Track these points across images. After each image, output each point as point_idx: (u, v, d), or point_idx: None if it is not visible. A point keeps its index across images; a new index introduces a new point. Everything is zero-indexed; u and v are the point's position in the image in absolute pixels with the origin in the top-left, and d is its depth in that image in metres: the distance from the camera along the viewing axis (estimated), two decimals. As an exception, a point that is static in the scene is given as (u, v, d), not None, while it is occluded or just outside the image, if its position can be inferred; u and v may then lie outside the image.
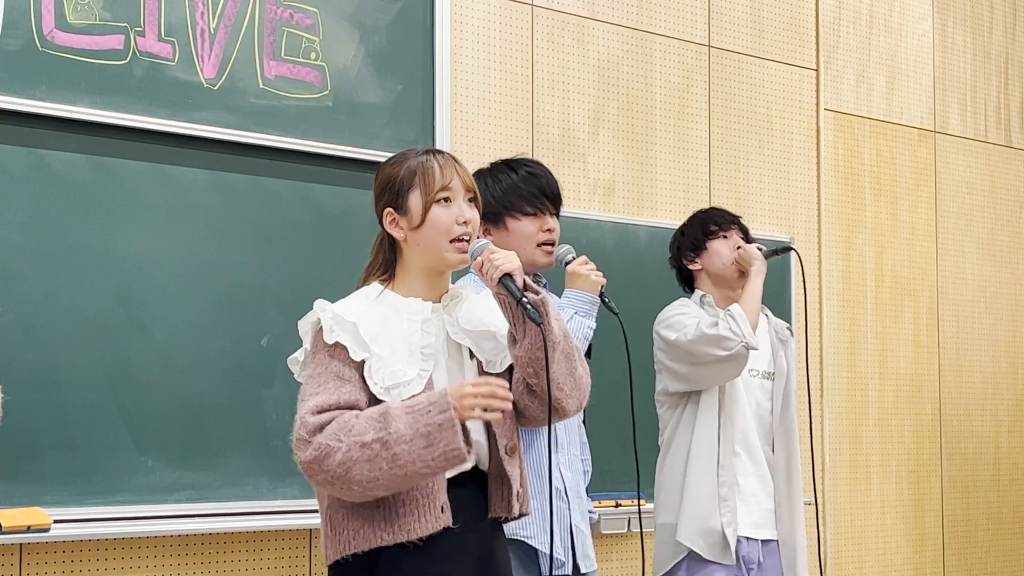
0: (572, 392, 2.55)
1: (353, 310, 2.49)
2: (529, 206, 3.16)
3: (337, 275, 3.88)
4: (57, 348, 3.44)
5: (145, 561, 3.65)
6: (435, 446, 2.32)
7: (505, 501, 2.54)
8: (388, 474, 2.33)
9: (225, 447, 3.72)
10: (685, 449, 3.69)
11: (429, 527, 2.42)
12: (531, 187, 3.18)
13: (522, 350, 2.49)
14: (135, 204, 3.62)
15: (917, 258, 5.92)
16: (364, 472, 2.33)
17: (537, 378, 2.50)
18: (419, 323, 2.50)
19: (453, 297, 2.59)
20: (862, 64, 5.77)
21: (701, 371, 3.63)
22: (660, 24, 5.03)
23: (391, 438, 2.32)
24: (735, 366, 3.60)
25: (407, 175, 2.55)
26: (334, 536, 2.47)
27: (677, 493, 3.67)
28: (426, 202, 2.52)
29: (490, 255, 2.50)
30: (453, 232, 2.51)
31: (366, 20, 4.11)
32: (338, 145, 3.99)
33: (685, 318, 3.69)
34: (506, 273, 2.47)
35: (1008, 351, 6.28)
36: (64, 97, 3.50)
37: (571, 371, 2.54)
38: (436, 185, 2.52)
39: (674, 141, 5.05)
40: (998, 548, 6.18)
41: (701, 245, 3.83)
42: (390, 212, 2.57)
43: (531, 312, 2.44)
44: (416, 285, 2.56)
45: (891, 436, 5.76)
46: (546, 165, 3.38)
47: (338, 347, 2.45)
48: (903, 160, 5.91)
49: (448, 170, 2.54)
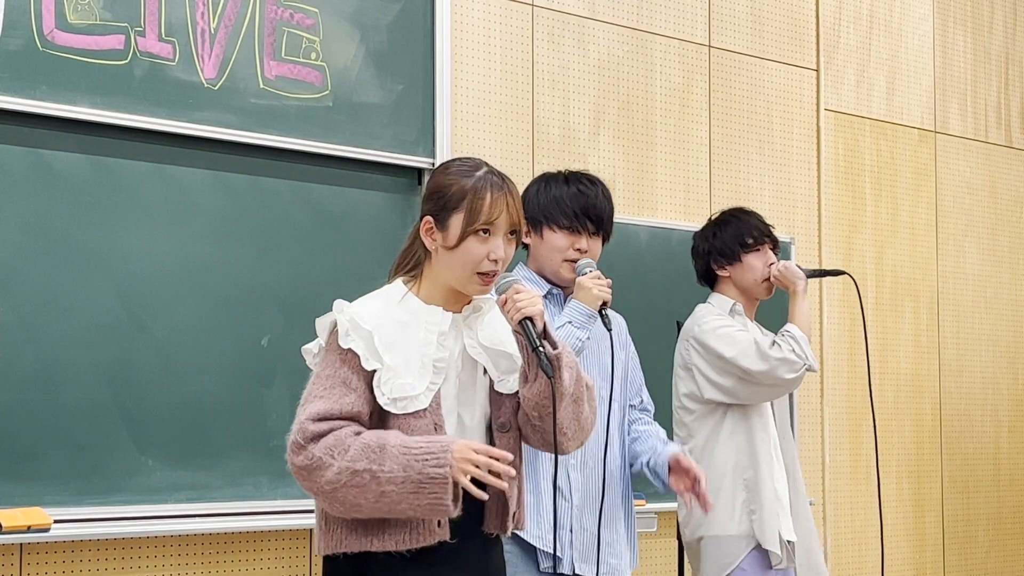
0: (574, 436, 2.57)
1: (371, 315, 2.47)
2: (566, 220, 3.17)
3: (337, 275, 3.88)
4: (57, 348, 3.44)
5: (145, 561, 3.65)
6: (422, 495, 2.33)
7: (499, 519, 2.54)
8: (372, 505, 2.36)
9: (225, 447, 3.72)
10: (733, 459, 3.66)
11: (424, 540, 2.42)
12: (576, 204, 3.18)
13: (531, 392, 2.49)
14: (135, 204, 3.62)
15: (917, 258, 5.92)
16: (350, 496, 2.35)
17: (541, 421, 2.52)
18: (436, 335, 2.49)
19: (475, 309, 2.57)
20: (862, 64, 5.77)
21: (751, 388, 3.62)
22: (660, 24, 5.03)
23: (382, 476, 2.33)
24: (792, 387, 3.63)
25: (457, 193, 2.50)
26: (327, 532, 2.48)
27: (730, 503, 3.64)
28: (465, 231, 2.48)
29: (514, 295, 2.48)
30: (482, 267, 2.49)
31: (366, 20, 4.11)
32: (338, 145, 3.99)
33: (734, 331, 3.66)
34: (527, 317, 2.46)
35: (1008, 351, 6.28)
36: (65, 97, 3.50)
37: (576, 416, 2.55)
38: (480, 218, 2.48)
39: (674, 141, 5.04)
40: (998, 548, 6.18)
41: (736, 256, 3.78)
42: (429, 221, 2.53)
43: (544, 364, 2.43)
44: (438, 294, 2.54)
45: (891, 436, 5.76)
46: (547, 166, 3.37)
47: (351, 353, 2.44)
48: (903, 160, 5.91)
49: (498, 205, 2.49)
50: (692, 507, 3.19)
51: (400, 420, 2.43)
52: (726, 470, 3.66)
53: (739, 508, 3.65)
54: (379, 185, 4.07)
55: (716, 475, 3.64)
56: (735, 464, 3.66)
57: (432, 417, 2.45)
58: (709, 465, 3.64)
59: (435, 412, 2.46)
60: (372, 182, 4.06)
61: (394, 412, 2.43)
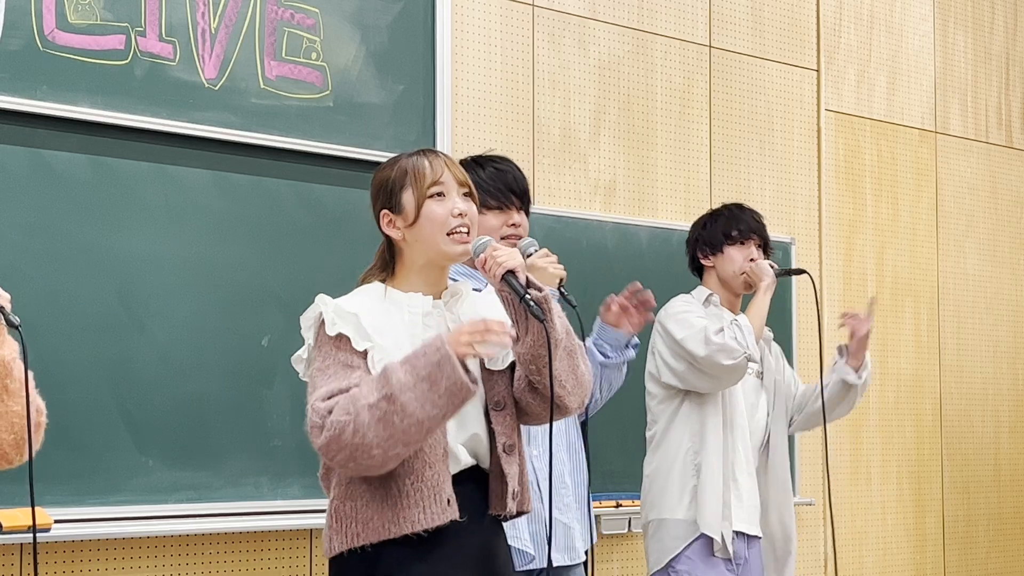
0: (574, 389, 2.56)
1: (354, 303, 2.51)
2: (493, 200, 3.18)
3: (338, 275, 3.87)
4: (58, 348, 3.44)
5: (145, 561, 3.65)
6: (438, 383, 2.32)
7: (502, 499, 2.55)
8: (402, 427, 2.33)
9: (226, 447, 3.72)
10: (686, 444, 3.70)
11: (435, 519, 2.42)
12: (497, 183, 3.20)
13: (524, 347, 2.50)
14: (136, 204, 3.62)
15: (918, 259, 5.92)
16: (379, 433, 2.32)
17: (539, 375, 2.51)
18: (420, 316, 2.52)
19: (453, 294, 2.61)
20: (863, 65, 5.77)
21: (698, 375, 3.65)
22: (661, 24, 5.03)
23: (395, 390, 2.32)
24: (733, 376, 3.64)
25: (399, 175, 2.58)
26: (340, 528, 2.47)
27: (679, 488, 3.68)
28: (419, 198, 2.54)
29: (493, 252, 2.52)
30: (449, 224, 2.53)
31: (367, 20, 4.11)
32: (339, 145, 4.00)
33: (693, 317, 3.70)
34: (509, 270, 2.49)
35: (1009, 352, 6.28)
36: (65, 97, 3.50)
37: (573, 368, 2.55)
38: (427, 180, 2.55)
39: (675, 142, 5.05)
40: (999, 549, 6.18)
41: (719, 246, 3.85)
42: (386, 214, 2.59)
43: (534, 309, 2.46)
44: (416, 281, 2.57)
45: (892, 436, 5.76)
46: (547, 166, 3.38)
47: (341, 338, 2.46)
48: (904, 161, 5.91)
49: (438, 165, 2.57)
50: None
51: None
52: (678, 454, 3.71)
53: (688, 493, 3.69)
54: (380, 185, 4.07)
55: (669, 458, 3.71)
56: (688, 449, 3.71)
57: None
58: (664, 448, 3.72)
59: None
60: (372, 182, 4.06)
61: None
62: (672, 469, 3.71)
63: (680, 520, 3.68)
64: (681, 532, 3.67)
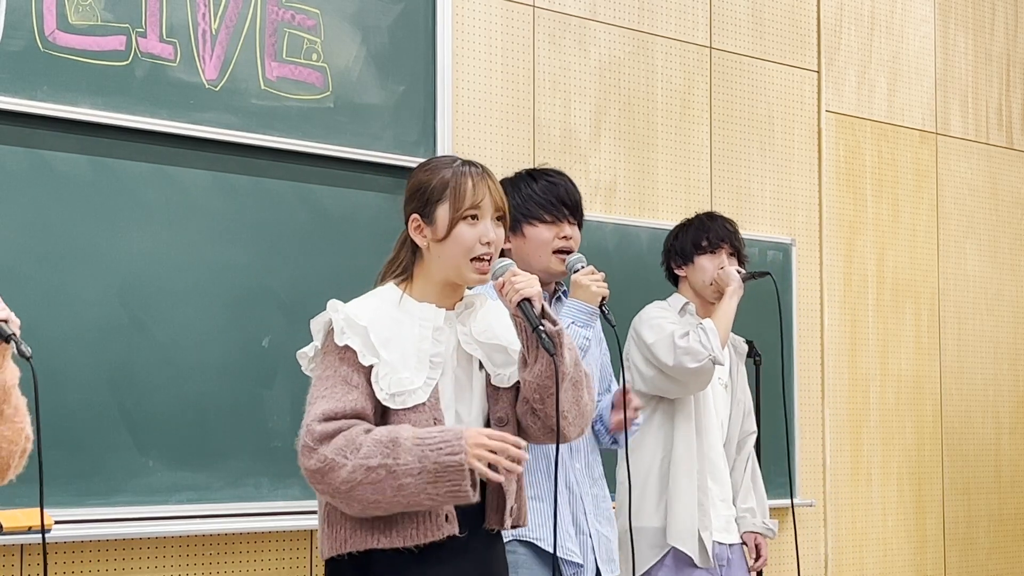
0: (575, 421, 2.58)
1: (366, 312, 2.49)
2: (547, 213, 3.20)
3: (338, 276, 3.89)
4: (58, 349, 3.44)
5: (146, 562, 3.65)
6: (441, 484, 2.34)
7: (499, 514, 2.55)
8: (391, 499, 2.36)
9: (226, 448, 3.72)
10: (660, 453, 3.73)
11: (430, 535, 2.43)
12: (549, 196, 3.22)
13: (531, 375, 2.51)
14: (136, 205, 3.62)
15: (918, 260, 5.92)
16: (367, 494, 2.35)
17: (542, 404, 2.53)
18: (430, 330, 2.50)
19: (468, 306, 2.59)
20: (864, 66, 5.78)
21: (666, 380, 3.68)
22: (661, 25, 5.04)
23: (399, 469, 2.33)
24: (700, 379, 3.66)
25: (439, 186, 2.53)
26: (331, 533, 2.48)
27: (656, 496, 3.71)
28: (453, 218, 2.51)
29: (511, 277, 2.51)
30: (475, 251, 2.51)
31: (367, 21, 4.11)
32: (339, 146, 4.00)
33: (664, 322, 3.73)
34: (525, 298, 2.48)
35: (1009, 353, 6.28)
36: (66, 98, 3.50)
37: (577, 400, 2.56)
38: (466, 203, 2.51)
39: (675, 143, 5.05)
40: (999, 550, 6.18)
41: (690, 256, 3.88)
42: (416, 219, 2.55)
43: (545, 342, 2.46)
44: (432, 291, 2.56)
45: (892, 437, 5.76)
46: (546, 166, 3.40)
47: (348, 350, 2.45)
48: (904, 162, 5.91)
49: (481, 188, 2.53)
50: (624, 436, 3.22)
51: (399, 415, 2.44)
52: (653, 463, 3.74)
53: (664, 502, 3.71)
54: (380, 186, 4.07)
55: (644, 467, 3.73)
56: (662, 458, 3.73)
57: (431, 412, 2.46)
58: (639, 455, 3.73)
59: (434, 407, 2.47)
60: (373, 183, 4.06)
61: (393, 407, 2.44)
62: (649, 475, 3.73)
63: (657, 528, 3.70)
64: (658, 541, 3.70)
